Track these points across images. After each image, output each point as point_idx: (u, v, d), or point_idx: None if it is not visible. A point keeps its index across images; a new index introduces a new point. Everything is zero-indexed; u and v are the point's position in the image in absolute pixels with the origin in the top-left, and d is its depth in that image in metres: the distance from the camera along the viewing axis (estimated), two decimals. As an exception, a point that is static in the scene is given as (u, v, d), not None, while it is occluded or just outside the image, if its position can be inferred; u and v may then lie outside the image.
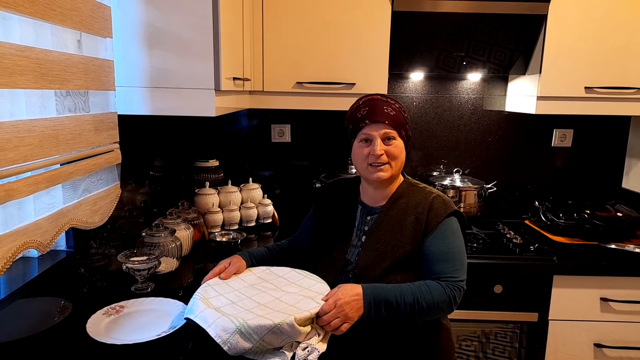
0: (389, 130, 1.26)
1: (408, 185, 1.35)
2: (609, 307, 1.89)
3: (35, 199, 1.06)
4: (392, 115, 1.27)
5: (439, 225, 1.25)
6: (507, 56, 2.09)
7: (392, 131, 1.27)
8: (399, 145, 1.28)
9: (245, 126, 2.38)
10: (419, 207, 1.28)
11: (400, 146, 1.28)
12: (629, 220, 2.07)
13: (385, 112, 1.27)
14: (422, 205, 1.28)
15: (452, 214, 1.28)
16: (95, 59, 1.24)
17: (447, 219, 1.26)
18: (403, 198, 1.32)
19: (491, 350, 1.97)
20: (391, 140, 1.27)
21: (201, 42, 1.39)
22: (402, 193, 1.33)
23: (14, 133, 0.90)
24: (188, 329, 1.15)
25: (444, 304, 1.19)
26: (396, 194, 1.33)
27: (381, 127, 1.27)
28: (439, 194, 1.31)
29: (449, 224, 1.26)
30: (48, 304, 1.29)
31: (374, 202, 1.35)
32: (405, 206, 1.30)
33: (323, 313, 1.11)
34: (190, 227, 1.78)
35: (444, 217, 1.26)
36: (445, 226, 1.26)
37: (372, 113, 1.28)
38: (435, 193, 1.32)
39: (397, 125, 1.27)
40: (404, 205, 1.30)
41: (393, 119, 1.26)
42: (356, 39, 1.97)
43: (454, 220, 1.28)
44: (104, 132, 1.31)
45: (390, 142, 1.27)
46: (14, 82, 0.90)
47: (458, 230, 1.28)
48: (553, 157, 2.44)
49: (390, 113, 1.27)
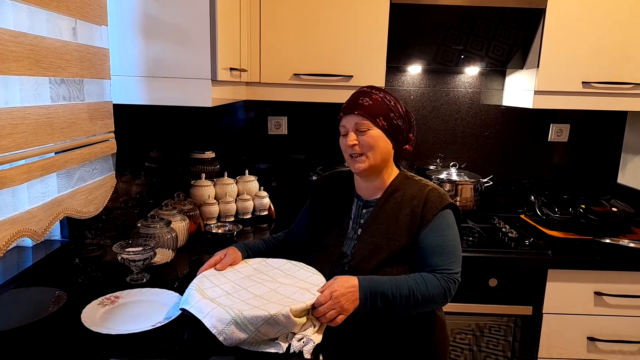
0: (359, 120, 1.25)
1: (404, 178, 1.35)
2: (602, 301, 1.90)
3: (29, 187, 1.05)
4: (366, 105, 1.25)
5: (435, 218, 1.25)
6: (505, 50, 2.08)
7: (364, 121, 1.25)
8: (374, 135, 1.25)
9: (242, 118, 2.37)
10: (415, 200, 1.28)
11: (375, 136, 1.26)
12: (624, 215, 2.08)
13: (360, 103, 1.26)
14: (418, 198, 1.28)
15: (448, 207, 1.28)
16: (91, 47, 1.23)
17: (442, 212, 1.26)
18: (399, 191, 1.31)
19: (485, 344, 1.98)
20: (365, 131, 1.25)
21: (198, 31, 1.38)
22: (397, 186, 1.32)
23: (7, 120, 0.89)
24: (183, 319, 1.15)
25: (439, 296, 1.19)
26: (391, 186, 1.33)
27: (353, 119, 1.27)
28: (434, 187, 1.31)
29: (445, 217, 1.27)
30: (42, 294, 1.28)
31: (369, 195, 1.35)
32: (401, 199, 1.30)
33: (319, 304, 1.12)
34: (186, 218, 1.77)
35: (440, 210, 1.26)
36: (440, 219, 1.26)
37: (346, 105, 1.29)
38: (431, 186, 1.32)
39: (371, 115, 1.25)
40: (399, 198, 1.30)
41: (367, 109, 1.25)
42: (354, 31, 1.96)
43: (450, 213, 1.28)
44: (99, 121, 1.30)
45: (364, 133, 1.26)
46: (7, 69, 0.88)
47: (453, 223, 1.28)
48: (549, 152, 2.44)
49: (364, 104, 1.26)
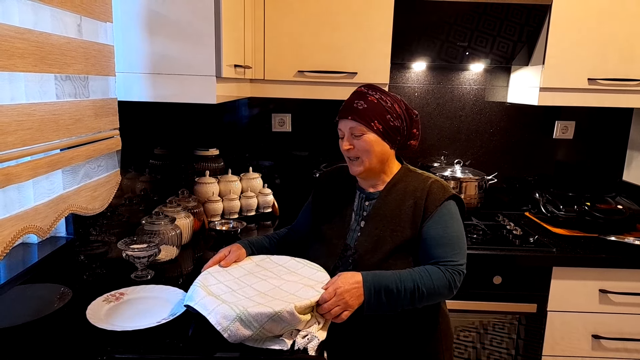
0: (353, 125, 1.25)
1: (406, 171, 1.35)
2: (607, 299, 1.90)
3: (35, 184, 1.05)
4: (361, 109, 1.24)
5: (438, 210, 1.25)
6: (510, 47, 2.07)
7: (358, 126, 1.24)
8: (369, 139, 1.25)
9: (246, 115, 2.37)
10: (417, 192, 1.28)
11: (370, 140, 1.25)
12: (629, 212, 2.07)
13: (354, 107, 1.25)
14: (421, 190, 1.28)
15: (451, 198, 1.27)
16: (96, 43, 1.23)
17: (445, 203, 1.26)
18: (401, 183, 1.31)
19: (489, 341, 1.98)
20: (360, 136, 1.25)
21: (203, 28, 1.38)
22: (400, 179, 1.32)
23: (13, 117, 0.89)
24: (188, 316, 1.15)
25: (444, 289, 1.19)
26: (394, 179, 1.32)
27: (347, 124, 1.26)
28: (437, 179, 1.31)
29: (448, 208, 1.26)
30: (48, 290, 1.28)
31: (372, 187, 1.35)
32: (404, 191, 1.29)
33: (323, 301, 1.11)
34: (190, 215, 1.78)
35: (443, 201, 1.25)
36: (443, 210, 1.25)
37: (342, 108, 1.28)
38: (433, 178, 1.31)
39: (365, 120, 1.24)
40: (402, 190, 1.30)
41: (361, 113, 1.24)
42: (359, 28, 1.95)
43: (453, 204, 1.28)
44: (104, 118, 1.30)
45: (359, 138, 1.25)
46: (13, 65, 0.89)
47: (457, 214, 1.27)
48: (554, 149, 2.43)
49: (358, 107, 1.24)
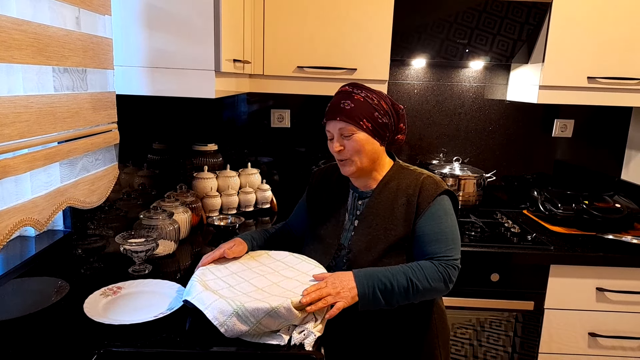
0: (342, 126, 1.24)
1: (398, 169, 1.34)
2: (604, 297, 1.90)
3: (32, 176, 1.04)
4: (348, 109, 1.22)
5: (431, 206, 1.24)
6: (510, 45, 2.07)
7: (347, 126, 1.23)
8: (359, 139, 1.24)
9: (245, 111, 2.36)
10: (410, 188, 1.27)
11: (360, 139, 1.24)
12: (627, 211, 2.08)
13: (341, 107, 1.24)
14: (413, 186, 1.27)
15: (443, 193, 1.27)
16: (94, 36, 1.22)
17: (438, 198, 1.25)
18: (393, 181, 1.31)
19: (486, 339, 1.98)
20: (350, 136, 1.24)
21: (202, 21, 1.37)
22: (392, 176, 1.32)
23: (10, 108, 0.89)
24: (185, 310, 1.15)
25: (439, 283, 1.18)
26: (386, 177, 1.32)
27: (336, 125, 1.25)
28: (429, 175, 1.30)
29: (441, 203, 1.26)
30: (45, 284, 1.28)
31: (364, 186, 1.34)
32: (396, 189, 1.29)
33: (312, 289, 1.11)
34: (188, 210, 1.77)
35: (435, 197, 1.25)
36: (436, 206, 1.25)
37: (329, 109, 1.27)
38: (426, 174, 1.31)
39: (354, 119, 1.22)
40: (394, 188, 1.29)
41: (349, 113, 1.22)
42: (358, 24, 1.94)
43: (446, 199, 1.27)
44: (102, 112, 1.29)
45: (349, 138, 1.24)
46: (10, 57, 0.88)
47: (450, 209, 1.27)
48: (553, 148, 2.43)
49: (346, 107, 1.23)
